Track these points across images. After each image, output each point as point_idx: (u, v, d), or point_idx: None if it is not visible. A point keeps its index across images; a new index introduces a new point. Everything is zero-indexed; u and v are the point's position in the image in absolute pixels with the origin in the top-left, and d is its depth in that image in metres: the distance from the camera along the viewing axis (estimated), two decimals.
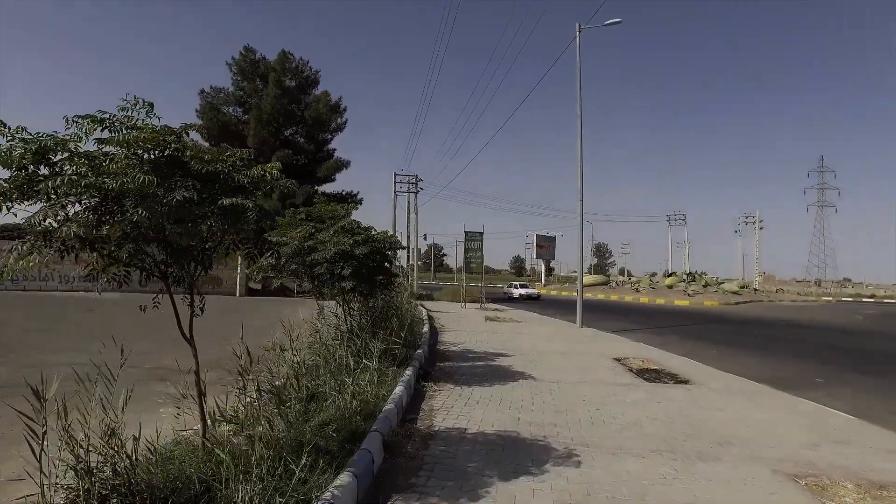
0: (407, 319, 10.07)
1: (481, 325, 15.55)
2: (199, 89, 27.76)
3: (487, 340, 11.80)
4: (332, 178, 29.41)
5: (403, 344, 8.16)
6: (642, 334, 15.26)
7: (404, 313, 10.57)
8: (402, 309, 11.60)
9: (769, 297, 42.89)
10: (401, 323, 9.15)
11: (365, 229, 6.62)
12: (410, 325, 10.33)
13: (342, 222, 6.42)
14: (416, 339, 10.10)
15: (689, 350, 12.04)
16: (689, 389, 7.17)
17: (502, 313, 20.45)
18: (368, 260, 6.40)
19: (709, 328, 18.44)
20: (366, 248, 6.08)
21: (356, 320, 8.27)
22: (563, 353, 10.29)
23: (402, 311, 10.57)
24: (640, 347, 11.76)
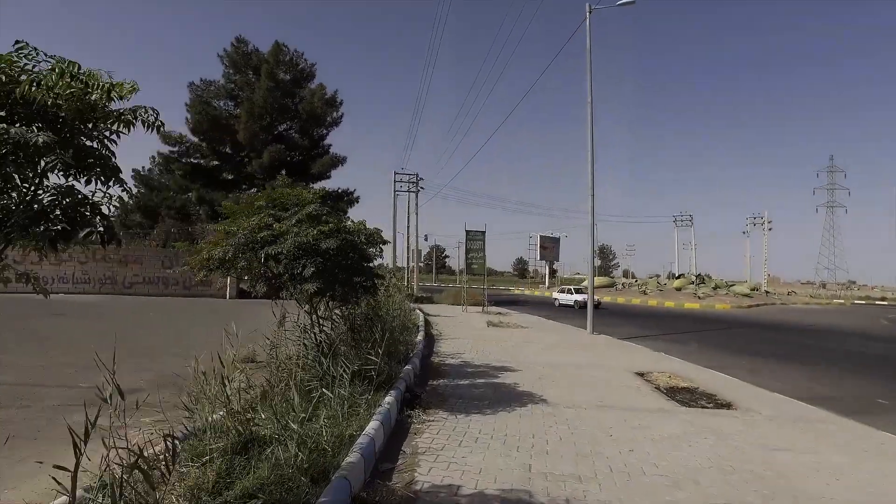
0: (394, 329, 8.79)
1: (483, 331, 14.24)
2: (188, 82, 26.61)
3: (489, 350, 10.49)
4: (328, 175, 28.20)
5: (390, 358, 6.86)
6: (658, 342, 13.93)
7: (392, 322, 9.26)
8: (392, 316, 10.30)
9: (781, 300, 41.42)
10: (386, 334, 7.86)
11: (336, 218, 5.32)
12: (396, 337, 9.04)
13: (309, 208, 5.14)
14: (407, 350, 8.80)
15: (715, 361, 10.71)
16: (737, 417, 5.84)
17: (506, 317, 19.13)
18: (340, 257, 5.12)
19: (728, 334, 17.09)
20: (334, 242, 4.79)
21: (335, 331, 6.99)
22: (577, 366, 8.97)
23: (389, 320, 9.26)
24: (661, 358, 10.43)
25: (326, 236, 4.81)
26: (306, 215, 5.02)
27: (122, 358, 2.90)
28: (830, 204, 71.14)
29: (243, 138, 24.87)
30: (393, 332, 9.13)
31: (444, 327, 14.73)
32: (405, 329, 11.12)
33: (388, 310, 10.52)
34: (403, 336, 10.07)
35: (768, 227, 64.17)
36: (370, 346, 6.60)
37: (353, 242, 5.19)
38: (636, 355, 10.68)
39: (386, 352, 6.98)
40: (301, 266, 4.72)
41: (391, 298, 11.74)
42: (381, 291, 8.27)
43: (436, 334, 12.88)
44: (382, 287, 8.26)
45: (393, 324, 9.22)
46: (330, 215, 5.23)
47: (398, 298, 15.06)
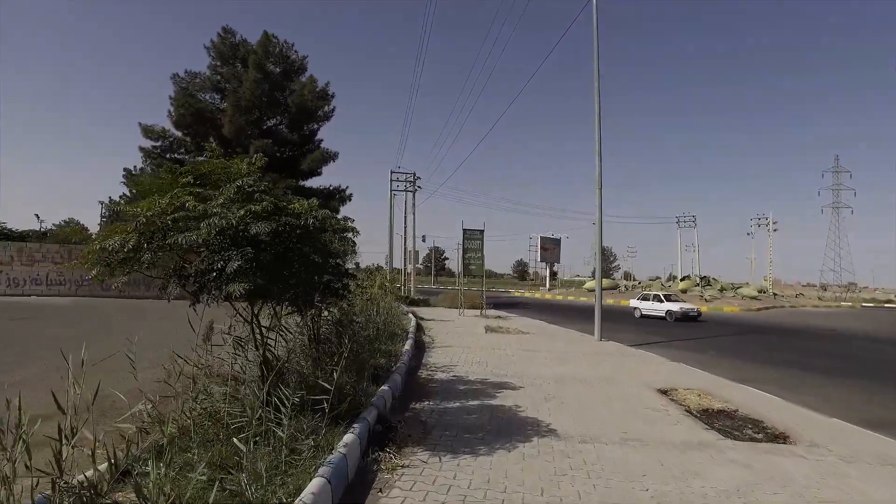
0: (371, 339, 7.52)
1: (480, 337, 12.94)
2: (172, 73, 25.33)
3: (487, 361, 9.19)
4: (318, 172, 26.85)
5: (359, 377, 5.57)
6: (671, 349, 12.64)
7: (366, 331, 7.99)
8: (374, 322, 9.00)
9: (790, 303, 40.11)
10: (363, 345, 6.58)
11: (275, 196, 4.00)
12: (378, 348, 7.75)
13: (241, 181, 3.84)
14: (390, 363, 7.51)
15: (740, 372, 9.43)
16: (803, 457, 4.54)
17: (505, 322, 17.82)
18: (284, 247, 3.83)
19: (744, 340, 15.80)
20: (267, 226, 3.49)
21: (293, 343, 5.72)
22: (588, 381, 7.67)
23: (365, 327, 7.95)
24: (681, 370, 9.15)
25: (257, 218, 3.53)
26: (235, 191, 3.73)
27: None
28: (836, 205, 69.93)
29: (229, 132, 23.57)
30: (373, 342, 7.88)
31: (437, 333, 13.43)
32: (392, 337, 9.85)
33: (369, 315, 9.25)
34: (388, 345, 8.79)
35: (773, 227, 63.09)
36: (337, 361, 5.32)
37: (306, 228, 3.88)
38: (652, 366, 9.39)
39: (356, 368, 5.72)
40: (223, 260, 3.44)
41: (376, 302, 10.46)
42: (357, 294, 6.97)
43: (427, 342, 11.58)
44: (358, 290, 6.97)
45: (367, 332, 7.94)
46: (267, 192, 3.93)
47: (388, 301, 13.81)
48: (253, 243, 3.63)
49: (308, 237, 4.07)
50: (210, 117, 24.56)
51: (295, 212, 3.93)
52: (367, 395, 5.24)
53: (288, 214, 3.87)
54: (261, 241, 3.67)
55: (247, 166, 4.14)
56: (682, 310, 22.72)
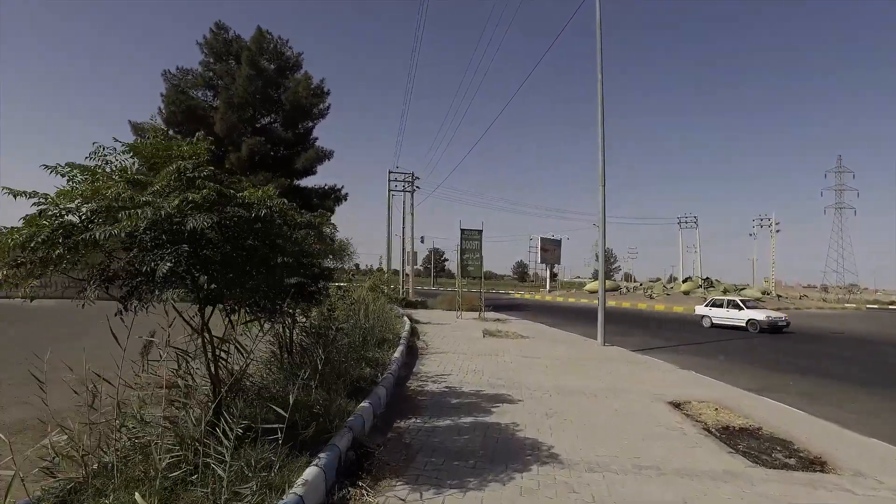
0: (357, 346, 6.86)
1: (478, 342, 12.28)
2: (163, 70, 24.69)
3: (483, 369, 8.53)
4: (313, 171, 26.17)
5: (330, 393, 4.91)
6: (679, 354, 12.00)
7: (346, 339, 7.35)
8: (361, 328, 8.35)
9: (794, 305, 39.43)
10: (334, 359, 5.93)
11: (219, 182, 3.32)
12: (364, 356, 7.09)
13: (180, 164, 3.17)
14: (376, 373, 6.85)
15: (756, 380, 8.79)
16: (852, 491, 3.87)
17: (504, 325, 17.16)
18: (234, 243, 3.17)
19: (753, 344, 15.14)
20: (208, 219, 2.81)
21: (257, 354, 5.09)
22: (593, 392, 7.01)
23: (347, 334, 7.28)
24: (693, 379, 8.49)
25: (197, 209, 2.87)
26: (174, 177, 3.07)
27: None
28: (839, 205, 69.16)
29: (221, 130, 22.91)
30: (358, 350, 7.23)
31: (432, 338, 12.76)
32: (382, 343, 9.20)
33: (357, 320, 8.60)
34: (377, 352, 8.14)
35: (776, 229, 62.44)
36: (311, 375, 4.67)
37: (259, 221, 3.22)
38: (661, 375, 8.72)
39: (336, 381, 5.07)
40: (155, 259, 2.79)
41: (366, 304, 9.81)
42: (339, 297, 6.31)
43: (421, 347, 10.91)
44: (338, 292, 6.31)
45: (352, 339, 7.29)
46: (212, 178, 3.26)
47: (379, 304, 13.16)
48: (196, 240, 2.98)
49: (266, 233, 3.41)
50: (202, 115, 23.93)
51: (245, 201, 3.27)
52: (344, 413, 4.58)
53: (237, 205, 3.21)
54: (205, 237, 3.01)
55: (188, 146, 3.47)
56: (770, 319, 18.60)
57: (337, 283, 17.24)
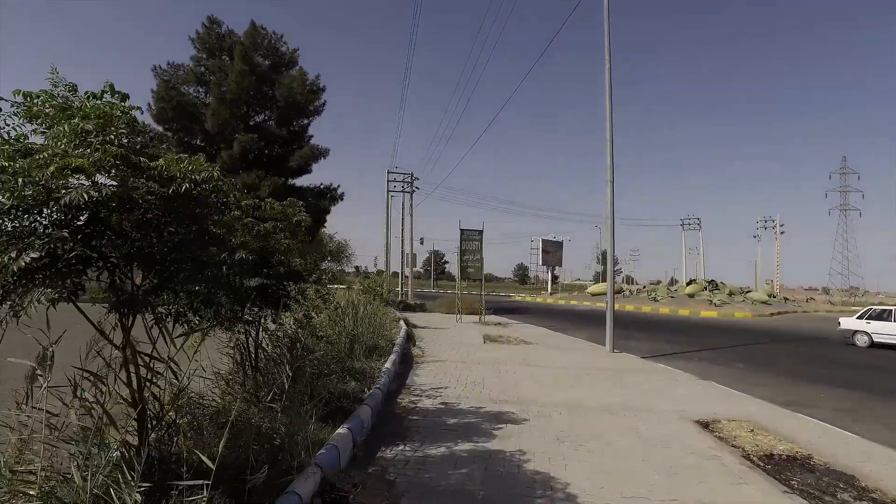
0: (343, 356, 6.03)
1: (478, 349, 11.45)
2: (153, 65, 23.92)
3: (484, 380, 7.71)
4: (308, 169, 25.33)
5: (291, 418, 4.08)
6: (693, 361, 11.18)
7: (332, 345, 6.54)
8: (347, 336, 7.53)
9: (802, 308, 38.60)
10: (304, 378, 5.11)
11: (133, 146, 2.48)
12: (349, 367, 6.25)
13: (80, 123, 2.32)
14: (362, 387, 6.02)
15: (785, 393, 7.95)
16: None
17: (505, 330, 16.33)
18: (152, 228, 2.36)
19: (769, 350, 14.32)
20: (93, 191, 1.98)
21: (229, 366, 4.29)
22: (609, 409, 6.18)
23: (331, 343, 6.44)
24: (716, 392, 7.67)
25: (77, 171, 2.03)
26: (69, 137, 2.23)
27: None
28: (844, 207, 68.34)
29: (212, 126, 22.13)
30: (343, 360, 6.40)
31: (429, 344, 11.94)
32: (373, 351, 8.37)
33: (344, 327, 7.78)
34: (366, 362, 7.32)
35: (780, 231, 61.62)
36: (274, 397, 3.85)
37: (180, 197, 2.39)
38: (681, 387, 7.89)
39: (301, 404, 4.25)
40: (20, 248, 1.97)
41: (355, 309, 9.00)
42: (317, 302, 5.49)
43: (416, 355, 10.08)
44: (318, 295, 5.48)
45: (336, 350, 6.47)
46: (113, 143, 2.39)
47: (371, 308, 12.36)
48: (96, 222, 2.16)
49: (194, 217, 2.59)
50: (193, 111, 23.15)
51: (161, 172, 2.43)
52: (315, 444, 3.75)
53: (150, 178, 2.37)
54: (104, 220, 2.20)
55: (89, 98, 2.63)
56: None
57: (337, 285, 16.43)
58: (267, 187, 21.22)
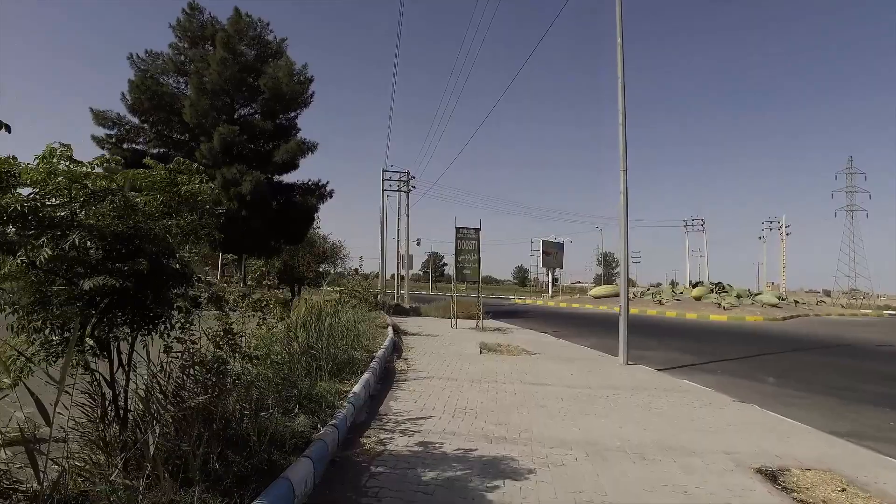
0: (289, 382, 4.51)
1: (473, 361, 9.99)
2: (129, 53, 22.48)
3: (477, 406, 6.25)
4: (295, 165, 23.86)
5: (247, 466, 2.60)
6: (718, 375, 9.76)
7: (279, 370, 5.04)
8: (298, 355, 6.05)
9: (814, 311, 37.14)
10: None
11: None
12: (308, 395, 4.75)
13: None
14: (315, 421, 4.56)
15: (838, 418, 6.48)
16: None
17: (504, 336, 14.87)
18: None
19: (800, 360, 12.87)
20: None
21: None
22: (639, 452, 4.71)
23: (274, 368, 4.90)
24: (761, 418, 6.22)
25: None
26: None
27: None
28: (850, 208, 66.93)
29: (190, 118, 20.67)
30: (291, 387, 4.95)
31: (418, 355, 10.47)
32: (343, 368, 6.92)
33: (304, 341, 6.32)
34: (331, 384, 5.87)
35: (786, 232, 60.28)
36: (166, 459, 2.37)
37: None
38: (719, 412, 6.43)
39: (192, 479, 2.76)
40: None
41: (326, 316, 7.53)
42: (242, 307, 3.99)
43: (400, 370, 8.61)
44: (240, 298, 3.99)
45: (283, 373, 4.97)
46: None
47: (356, 314, 10.92)
48: None
49: None
50: (171, 102, 21.71)
51: None
52: None
53: None
54: None
55: None
56: None
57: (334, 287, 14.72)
58: (249, 182, 19.79)
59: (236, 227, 22.03)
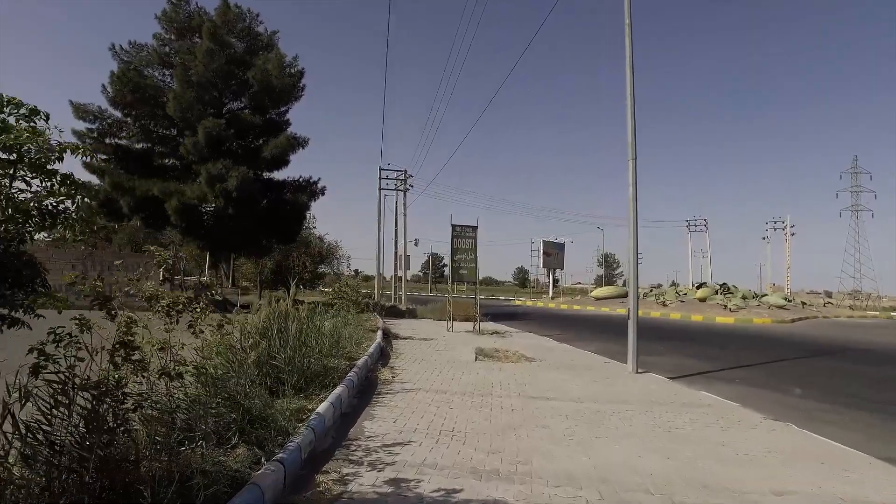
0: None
1: (467, 369, 9.04)
2: (110, 44, 21.54)
3: (468, 426, 5.30)
4: (286, 161, 22.85)
5: None
6: (736, 385, 8.81)
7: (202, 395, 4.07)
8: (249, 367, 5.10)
9: (822, 313, 36.17)
10: None
11: None
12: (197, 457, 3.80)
13: None
14: (266, 449, 3.61)
15: (893, 443, 5.50)
16: None
17: (503, 340, 13.92)
18: None
19: (820, 367, 11.91)
20: None
21: None
22: (667, 494, 3.73)
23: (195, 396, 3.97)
24: (808, 444, 5.26)
25: None
26: None
27: None
28: (855, 208, 65.91)
29: (174, 111, 19.71)
30: (240, 405, 4.00)
31: (407, 362, 9.52)
32: (316, 380, 5.97)
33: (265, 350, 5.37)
34: (287, 403, 4.93)
35: (791, 232, 59.35)
36: None
37: None
38: (753, 435, 5.47)
39: None
40: None
41: (281, 326, 6.57)
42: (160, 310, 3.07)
43: (384, 380, 7.65)
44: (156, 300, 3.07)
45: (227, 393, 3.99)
46: None
47: (343, 318, 10.00)
48: None
49: None
50: (154, 95, 20.78)
51: None
52: None
53: None
54: None
55: None
56: None
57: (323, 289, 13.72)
58: (235, 178, 18.83)
59: (223, 226, 21.10)
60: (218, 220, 21.14)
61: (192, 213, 20.15)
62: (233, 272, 27.51)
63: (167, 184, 19.60)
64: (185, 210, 19.48)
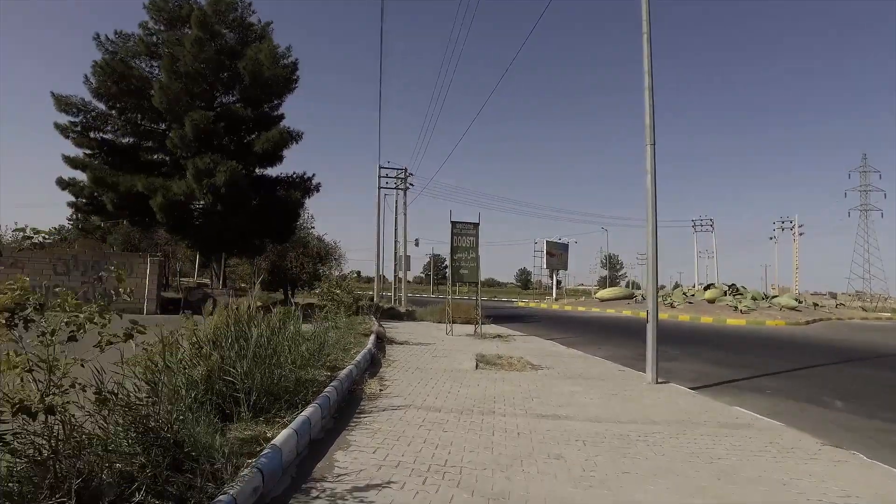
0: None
1: (465, 381, 8.03)
2: (94, 33, 20.62)
3: (463, 457, 4.29)
4: (279, 156, 21.90)
5: None
6: (768, 397, 7.78)
7: None
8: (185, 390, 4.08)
9: (835, 315, 35.00)
10: None
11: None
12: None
13: None
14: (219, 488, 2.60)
15: None
16: None
17: (506, 345, 12.91)
18: None
19: (854, 375, 10.87)
20: None
21: None
22: None
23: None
24: (881, 479, 4.24)
25: None
26: None
27: None
28: (864, 207, 64.65)
29: (160, 102, 18.76)
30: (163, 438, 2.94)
31: (399, 371, 8.52)
32: (284, 396, 4.98)
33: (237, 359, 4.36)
34: (241, 431, 3.92)
35: (799, 232, 58.19)
36: None
37: None
38: (812, 468, 4.46)
39: None
40: None
41: (240, 334, 5.56)
42: None
43: (370, 395, 6.64)
44: None
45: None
46: None
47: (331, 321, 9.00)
48: None
49: None
50: (140, 86, 19.84)
51: None
52: None
53: None
54: None
55: None
56: None
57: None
58: (223, 173, 17.86)
59: (213, 223, 20.15)
60: (207, 218, 20.18)
61: (178, 211, 19.18)
62: (224, 272, 26.61)
63: (152, 179, 18.64)
64: (171, 207, 18.51)
